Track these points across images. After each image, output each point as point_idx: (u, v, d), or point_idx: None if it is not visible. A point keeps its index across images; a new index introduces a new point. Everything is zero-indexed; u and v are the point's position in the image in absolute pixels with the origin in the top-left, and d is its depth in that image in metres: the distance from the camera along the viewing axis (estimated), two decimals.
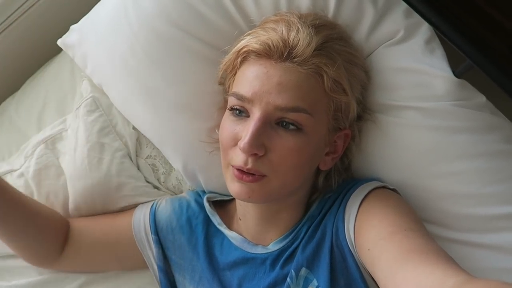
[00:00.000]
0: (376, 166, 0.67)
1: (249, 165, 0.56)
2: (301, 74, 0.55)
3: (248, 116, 0.57)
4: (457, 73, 0.64)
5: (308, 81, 0.56)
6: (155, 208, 0.72)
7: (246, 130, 0.56)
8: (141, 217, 0.72)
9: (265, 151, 0.56)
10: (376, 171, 0.67)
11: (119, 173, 0.74)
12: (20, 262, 0.75)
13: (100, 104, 0.76)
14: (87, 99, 0.76)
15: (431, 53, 0.64)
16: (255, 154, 0.56)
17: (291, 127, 0.56)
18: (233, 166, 0.57)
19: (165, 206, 0.73)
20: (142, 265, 0.72)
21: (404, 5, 0.65)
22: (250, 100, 0.56)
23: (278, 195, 0.59)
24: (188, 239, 0.69)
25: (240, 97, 0.57)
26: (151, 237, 0.70)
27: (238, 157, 0.56)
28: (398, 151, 0.65)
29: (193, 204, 0.72)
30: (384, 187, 0.61)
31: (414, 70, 0.64)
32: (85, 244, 0.72)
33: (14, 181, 0.75)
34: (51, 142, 0.77)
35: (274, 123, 0.56)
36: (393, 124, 0.65)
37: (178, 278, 0.70)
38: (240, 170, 0.56)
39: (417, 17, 0.64)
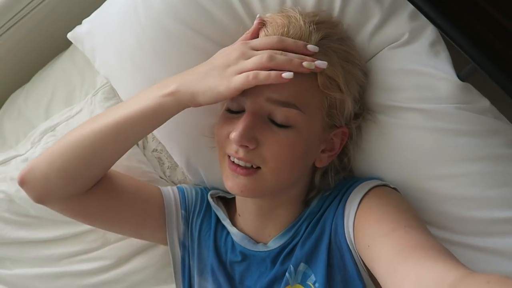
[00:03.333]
0: (377, 166, 0.67)
1: (240, 154, 0.56)
2: None
3: (244, 111, 0.58)
4: (461, 76, 0.64)
5: (301, 76, 0.56)
6: (182, 186, 0.73)
7: (239, 122, 0.56)
8: (169, 190, 0.71)
9: (257, 144, 0.57)
10: (376, 171, 0.67)
11: (130, 157, 0.74)
12: (21, 252, 0.76)
13: (117, 93, 0.78)
14: (106, 86, 0.79)
15: (436, 55, 0.64)
16: (246, 147, 0.56)
17: (283, 124, 0.57)
18: (227, 155, 0.58)
19: (189, 188, 0.73)
20: (157, 240, 0.71)
21: (410, 8, 0.65)
22: (244, 92, 0.56)
23: (272, 190, 0.60)
24: (200, 226, 0.70)
25: None
26: (180, 213, 0.70)
27: (231, 146, 0.58)
28: (399, 152, 0.65)
29: (206, 196, 0.73)
30: (384, 185, 0.61)
31: (418, 72, 0.64)
32: (119, 184, 0.67)
33: (19, 166, 0.76)
34: (58, 130, 0.78)
35: (267, 117, 0.57)
36: (396, 125, 0.65)
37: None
38: (233, 163, 0.57)
39: (422, 20, 0.64)
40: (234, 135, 0.55)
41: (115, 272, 0.76)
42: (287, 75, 0.53)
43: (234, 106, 0.59)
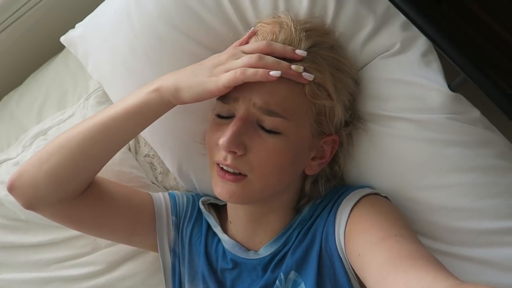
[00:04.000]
0: (367, 175, 0.67)
1: (228, 161, 0.56)
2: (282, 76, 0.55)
3: (233, 116, 0.58)
4: (452, 87, 0.64)
5: (287, 83, 0.56)
6: (173, 192, 0.73)
7: (228, 128, 0.57)
8: (160, 196, 0.71)
9: (246, 151, 0.57)
10: (367, 180, 0.67)
11: (122, 162, 0.74)
12: (10, 256, 0.75)
13: (109, 97, 0.78)
14: (99, 90, 0.79)
15: (427, 66, 0.65)
16: (235, 153, 0.56)
17: (272, 130, 0.57)
18: (216, 163, 0.59)
19: (181, 194, 0.73)
20: (147, 246, 0.71)
21: (402, 17, 0.66)
22: (234, 98, 0.57)
23: (261, 197, 0.60)
24: (191, 233, 0.70)
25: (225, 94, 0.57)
26: (171, 219, 0.70)
27: (219, 153, 0.58)
28: (389, 161, 0.65)
29: (197, 202, 0.73)
30: (376, 194, 0.62)
31: (409, 82, 0.64)
32: (109, 190, 0.66)
33: (10, 169, 0.75)
34: (50, 133, 0.77)
35: (256, 123, 0.57)
36: (386, 135, 0.65)
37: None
38: (222, 169, 0.58)
39: (414, 30, 0.65)
40: (222, 141, 0.55)
41: (105, 277, 0.75)
42: (274, 73, 0.53)
43: (224, 111, 0.59)
